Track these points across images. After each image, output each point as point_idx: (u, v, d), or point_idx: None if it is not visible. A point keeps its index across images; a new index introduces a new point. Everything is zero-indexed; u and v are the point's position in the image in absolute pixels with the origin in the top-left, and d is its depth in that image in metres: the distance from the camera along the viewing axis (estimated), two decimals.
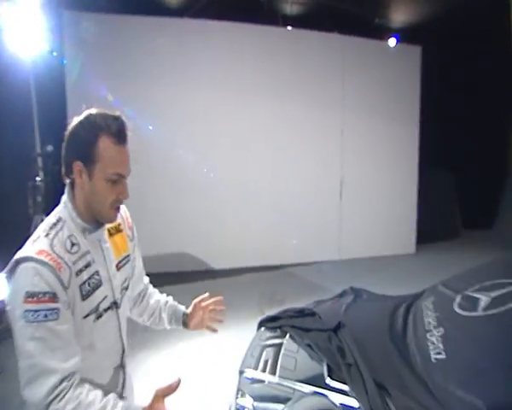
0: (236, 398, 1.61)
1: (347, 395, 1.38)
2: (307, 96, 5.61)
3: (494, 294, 1.61)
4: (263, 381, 1.61)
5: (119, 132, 0.90)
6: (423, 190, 6.47)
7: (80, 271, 0.89)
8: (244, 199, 5.35)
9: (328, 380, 1.48)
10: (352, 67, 5.81)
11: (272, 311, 2.92)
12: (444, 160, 7.27)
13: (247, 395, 1.56)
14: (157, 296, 1.24)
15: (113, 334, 1.00)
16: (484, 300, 1.60)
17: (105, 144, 0.88)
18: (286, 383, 1.54)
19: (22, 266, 0.82)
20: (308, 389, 1.45)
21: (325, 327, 1.84)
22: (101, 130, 0.88)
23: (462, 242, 6.88)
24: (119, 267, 1.02)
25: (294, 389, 1.48)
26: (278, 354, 1.76)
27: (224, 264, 5.18)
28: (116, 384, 1.01)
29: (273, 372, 1.63)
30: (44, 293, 0.80)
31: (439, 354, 1.45)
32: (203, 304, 1.20)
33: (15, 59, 3.74)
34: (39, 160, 4.15)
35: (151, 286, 1.26)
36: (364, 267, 5.15)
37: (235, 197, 5.30)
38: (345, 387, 1.42)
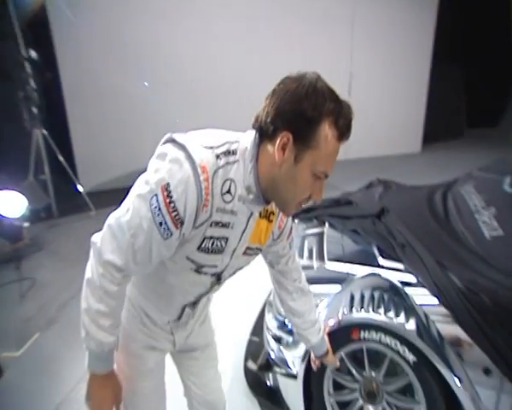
0: None
1: (402, 272, 1.41)
2: None
3: None
4: (311, 267, 1.62)
5: (346, 128, 0.74)
6: (431, 87, 6.09)
7: (216, 223, 0.74)
8: (250, 98, 4.98)
9: (381, 260, 1.49)
10: None
11: None
12: (454, 56, 6.70)
13: None
14: (310, 313, 1.07)
15: (194, 291, 0.89)
16: None
17: (328, 134, 0.71)
18: (337, 266, 1.55)
19: (183, 157, 0.68)
20: (362, 269, 1.46)
21: (367, 213, 1.81)
22: (330, 115, 0.71)
23: (465, 141, 6.84)
24: (245, 252, 0.86)
25: (347, 272, 1.50)
26: (322, 242, 1.75)
27: None
28: (174, 314, 0.92)
29: (321, 258, 1.63)
30: (176, 210, 0.69)
31: (494, 230, 1.45)
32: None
33: None
34: (27, 66, 3.57)
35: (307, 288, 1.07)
36: (371, 167, 5.13)
37: (241, 98, 4.97)
38: (399, 265, 1.44)
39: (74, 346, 2.16)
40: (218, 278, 0.87)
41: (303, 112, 0.69)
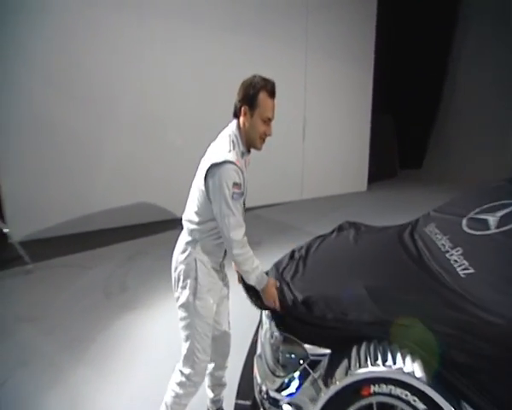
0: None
1: None
2: (272, 35, 5.34)
3: (499, 214, 1.79)
4: None
5: (272, 89, 1.48)
6: (371, 134, 6.87)
7: (243, 178, 1.48)
8: (205, 143, 5.00)
9: None
10: (315, 8, 5.55)
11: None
12: (387, 107, 7.75)
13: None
14: None
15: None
16: (492, 219, 1.77)
17: (263, 96, 1.45)
18: None
19: (228, 165, 1.39)
20: None
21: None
22: (262, 88, 1.45)
23: (398, 180, 7.70)
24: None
25: None
26: None
27: None
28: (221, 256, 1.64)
29: None
30: (239, 184, 1.43)
31: (466, 269, 1.58)
32: None
33: None
34: None
35: None
36: (325, 206, 5.42)
37: (194, 143, 4.95)
38: None
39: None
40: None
41: (249, 92, 1.45)
